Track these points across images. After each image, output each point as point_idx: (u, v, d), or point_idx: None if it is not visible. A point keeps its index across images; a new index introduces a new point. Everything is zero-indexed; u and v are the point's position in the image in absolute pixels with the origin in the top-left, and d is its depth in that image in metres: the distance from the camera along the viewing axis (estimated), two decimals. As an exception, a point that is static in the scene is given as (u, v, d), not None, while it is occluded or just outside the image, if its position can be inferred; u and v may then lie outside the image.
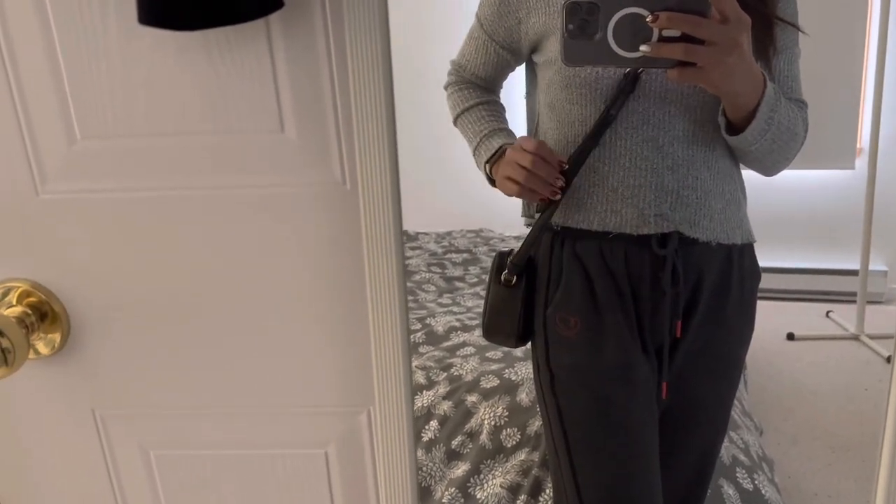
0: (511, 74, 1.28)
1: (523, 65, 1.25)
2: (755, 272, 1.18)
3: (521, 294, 1.12)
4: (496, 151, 1.15)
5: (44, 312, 0.75)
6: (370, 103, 0.62)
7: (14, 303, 0.74)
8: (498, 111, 1.27)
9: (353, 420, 0.76)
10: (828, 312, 3.44)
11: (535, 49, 1.15)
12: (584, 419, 1.12)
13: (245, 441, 0.78)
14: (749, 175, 1.16)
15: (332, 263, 0.70)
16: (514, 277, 1.12)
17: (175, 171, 0.70)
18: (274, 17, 0.64)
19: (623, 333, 1.09)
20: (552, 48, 1.08)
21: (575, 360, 1.11)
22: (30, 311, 0.74)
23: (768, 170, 1.11)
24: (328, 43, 0.64)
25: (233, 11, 0.58)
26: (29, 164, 0.70)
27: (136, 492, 0.81)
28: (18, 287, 0.74)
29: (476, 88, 1.27)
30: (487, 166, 1.16)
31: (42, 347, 0.76)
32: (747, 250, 1.16)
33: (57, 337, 0.76)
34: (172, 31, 0.64)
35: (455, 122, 1.29)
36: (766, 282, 3.82)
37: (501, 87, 1.32)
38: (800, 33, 1.10)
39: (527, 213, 1.28)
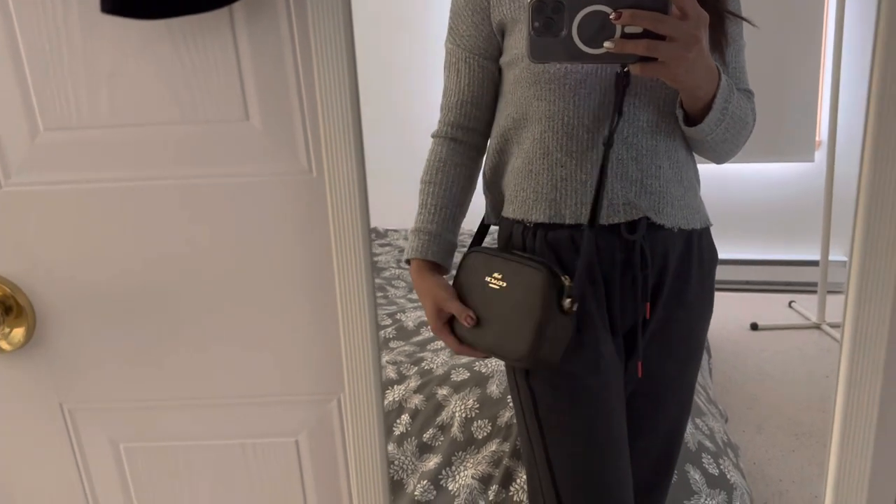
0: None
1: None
2: (713, 253, 1.22)
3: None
4: (408, 260, 1.21)
5: (8, 306, 0.74)
6: (335, 90, 0.63)
7: (-23, 296, 0.73)
8: (445, 194, 1.21)
9: (324, 408, 0.77)
10: (790, 303, 3.51)
11: (500, 51, 1.16)
12: (558, 405, 1.14)
13: (214, 431, 0.79)
14: (712, 168, 1.20)
15: (300, 251, 0.71)
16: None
17: (140, 161, 0.70)
18: (237, 6, 0.64)
19: (595, 322, 1.12)
20: (516, 45, 1.09)
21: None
22: (-6, 305, 0.73)
23: (720, 157, 1.16)
24: (292, 31, 0.64)
25: (195, 0, 0.58)
26: (-9, 157, 0.70)
27: (105, 485, 0.81)
28: (-18, 281, 0.73)
29: (450, 148, 1.21)
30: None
31: (5, 343, 0.76)
32: (705, 234, 1.20)
33: (22, 331, 0.76)
34: (136, 21, 0.64)
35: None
36: (729, 273, 3.88)
37: (493, 114, 1.23)
38: (753, 32, 1.14)
39: (491, 221, 1.28)
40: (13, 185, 0.71)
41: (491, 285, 1.09)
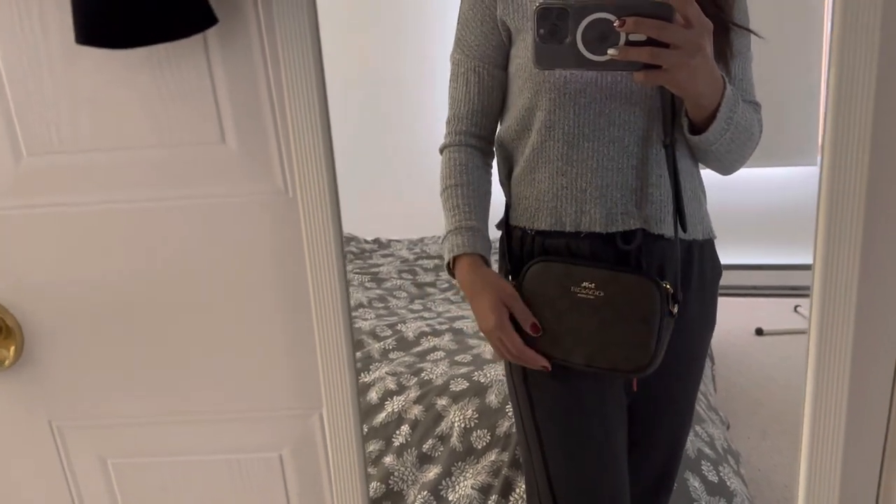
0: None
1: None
2: (716, 267, 1.21)
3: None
4: (450, 262, 1.16)
5: (-3, 327, 0.76)
6: (305, 111, 0.65)
7: (-34, 318, 0.75)
8: (474, 194, 1.19)
9: (306, 422, 0.78)
10: (796, 307, 3.50)
11: (508, 59, 1.16)
12: (556, 411, 1.14)
13: (200, 447, 0.80)
14: (715, 174, 1.20)
15: (277, 270, 0.72)
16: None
17: (121, 184, 0.71)
18: (211, 33, 0.66)
19: None
20: (520, 54, 1.10)
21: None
22: (-18, 326, 0.75)
23: (726, 168, 1.15)
24: (264, 55, 0.66)
25: (168, 29, 0.60)
26: (-23, 182, 0.72)
27: (95, 501, 0.83)
28: (-30, 302, 0.75)
29: (468, 153, 1.20)
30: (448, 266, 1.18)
31: (-4, 361, 0.78)
32: (707, 246, 1.19)
33: (11, 350, 0.77)
34: (114, 51, 0.66)
35: (440, 194, 1.23)
36: (734, 278, 3.86)
37: (500, 123, 1.24)
38: (752, 38, 1.14)
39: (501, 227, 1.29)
40: (-2, 209, 0.73)
41: (580, 295, 1.06)
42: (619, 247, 1.09)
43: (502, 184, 1.22)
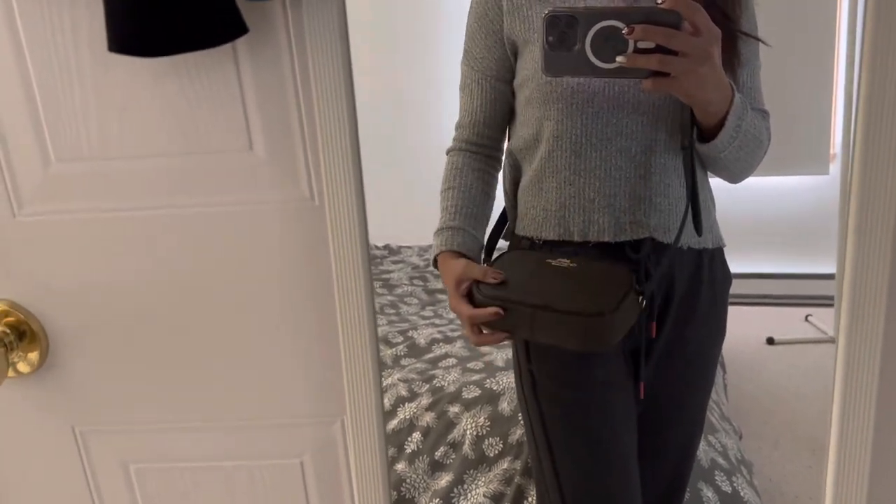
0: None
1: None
2: (726, 275, 1.21)
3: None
4: (434, 258, 1.20)
5: (22, 331, 0.77)
6: (334, 120, 0.65)
7: (-7, 322, 0.76)
8: (463, 195, 1.22)
9: (328, 430, 0.78)
10: (807, 316, 3.48)
11: (513, 73, 1.18)
12: (565, 419, 1.14)
13: (222, 453, 0.80)
14: (726, 183, 1.20)
15: (302, 277, 0.73)
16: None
17: (148, 191, 0.72)
18: (240, 41, 0.66)
19: None
20: (527, 66, 1.11)
21: (555, 364, 1.14)
22: (8, 331, 0.76)
23: (735, 177, 1.15)
24: (293, 63, 0.66)
25: (199, 38, 0.61)
26: (6, 187, 0.73)
27: (116, 506, 0.83)
28: (-3, 307, 0.76)
29: (465, 157, 1.23)
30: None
31: (21, 366, 0.78)
32: (717, 254, 1.19)
33: (35, 355, 0.78)
34: (145, 59, 0.66)
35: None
36: (745, 287, 3.85)
37: (506, 133, 1.26)
38: (763, 47, 1.14)
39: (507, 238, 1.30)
40: (26, 215, 0.73)
41: (554, 264, 1.06)
42: (629, 256, 1.09)
43: (506, 193, 1.24)
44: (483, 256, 1.19)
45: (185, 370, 0.77)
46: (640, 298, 1.01)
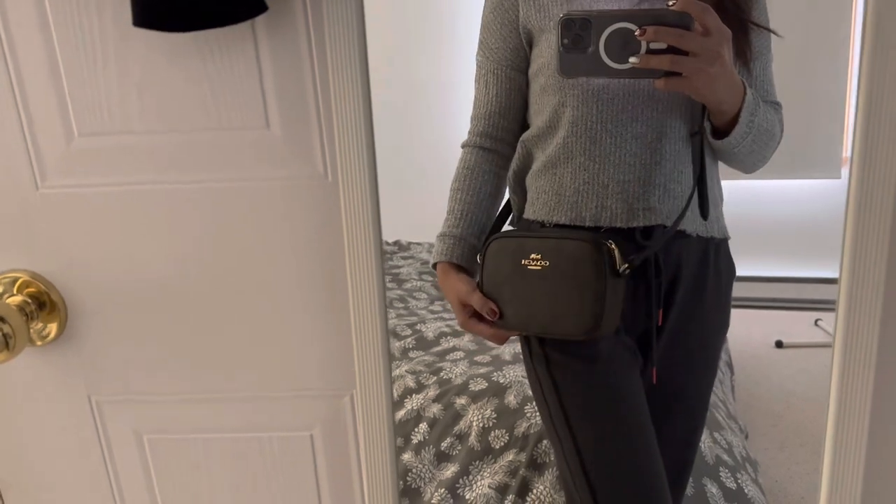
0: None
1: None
2: (731, 268, 1.23)
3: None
4: (434, 263, 1.24)
5: (42, 302, 0.79)
6: (349, 100, 0.67)
7: (14, 292, 0.78)
8: (472, 199, 1.24)
9: (337, 403, 0.80)
10: (816, 321, 3.48)
11: (528, 62, 1.19)
12: (581, 390, 1.14)
13: (234, 425, 0.82)
14: (738, 185, 1.22)
15: (315, 252, 0.74)
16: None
17: (168, 166, 0.74)
18: (259, 20, 0.68)
19: None
20: (542, 54, 1.13)
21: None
22: (29, 301, 0.78)
23: (748, 168, 1.17)
24: (310, 44, 0.68)
25: (220, 15, 0.63)
26: (30, 160, 0.75)
27: (129, 474, 0.85)
28: (19, 277, 0.78)
29: (478, 156, 1.25)
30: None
31: (40, 335, 0.80)
32: (723, 245, 1.21)
33: (55, 326, 0.80)
34: (165, 34, 0.68)
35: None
36: (754, 290, 3.83)
37: (520, 125, 1.26)
38: (776, 45, 1.15)
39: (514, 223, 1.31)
40: (49, 187, 0.75)
41: (530, 267, 1.07)
42: (639, 242, 1.10)
43: (515, 179, 1.25)
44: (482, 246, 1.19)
45: (199, 343, 0.79)
46: (624, 267, 1.02)
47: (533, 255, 1.07)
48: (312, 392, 0.79)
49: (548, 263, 1.05)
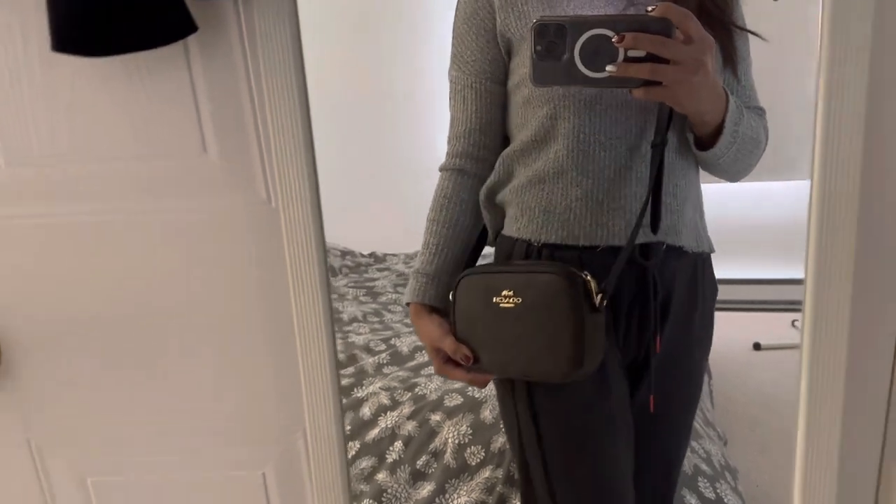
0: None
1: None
2: (714, 284, 1.18)
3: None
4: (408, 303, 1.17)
5: (-27, 341, 0.75)
6: (287, 120, 0.64)
7: (-58, 332, 0.74)
8: (448, 232, 1.16)
9: (289, 440, 0.76)
10: (793, 322, 3.48)
11: (507, 73, 1.13)
12: (565, 443, 1.09)
13: (183, 464, 0.78)
14: (714, 186, 1.18)
15: (260, 283, 0.71)
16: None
17: (101, 196, 0.70)
18: (192, 41, 0.65)
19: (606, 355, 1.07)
20: (524, 64, 1.05)
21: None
22: (-42, 341, 0.74)
23: (734, 177, 1.12)
24: (246, 63, 0.65)
25: (145, 37, 0.59)
26: (-46, 193, 0.71)
27: (72, 520, 0.81)
28: (-54, 316, 0.74)
29: (456, 182, 1.17)
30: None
31: (-27, 377, 0.76)
32: (708, 262, 1.16)
33: (-12, 366, 0.76)
34: (92, 59, 0.65)
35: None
36: (731, 292, 3.83)
37: (501, 142, 1.19)
38: (751, 44, 1.11)
39: (489, 242, 1.25)
40: (-24, 220, 0.71)
41: (502, 305, 1.02)
42: (638, 262, 1.05)
43: (487, 194, 1.17)
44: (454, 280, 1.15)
45: (142, 380, 0.75)
46: (599, 297, 0.96)
47: (504, 292, 1.01)
48: (263, 430, 0.76)
49: (520, 300, 1.00)
